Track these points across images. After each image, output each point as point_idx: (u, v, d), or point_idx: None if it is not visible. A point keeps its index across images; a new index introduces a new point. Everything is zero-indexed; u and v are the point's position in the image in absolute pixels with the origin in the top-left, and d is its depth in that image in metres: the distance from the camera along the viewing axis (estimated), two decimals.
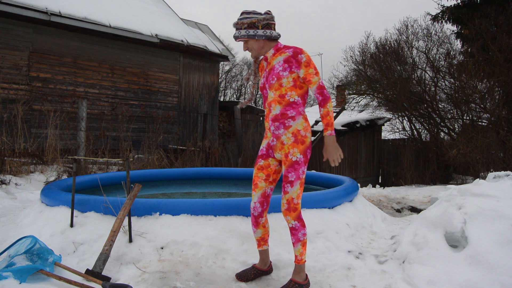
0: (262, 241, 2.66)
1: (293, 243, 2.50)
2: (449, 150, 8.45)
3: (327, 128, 2.40)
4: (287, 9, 63.06)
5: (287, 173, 2.41)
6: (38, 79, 8.23)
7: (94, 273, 2.51)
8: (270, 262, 2.75)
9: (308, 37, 60.04)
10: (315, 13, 63.27)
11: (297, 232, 2.45)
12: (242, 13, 2.50)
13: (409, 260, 2.78)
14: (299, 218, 2.45)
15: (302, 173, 2.40)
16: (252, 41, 2.50)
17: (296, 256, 2.51)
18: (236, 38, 2.50)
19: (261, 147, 2.62)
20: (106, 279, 2.53)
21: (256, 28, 2.45)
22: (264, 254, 2.69)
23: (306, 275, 2.57)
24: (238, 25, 2.48)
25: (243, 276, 2.63)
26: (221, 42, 12.61)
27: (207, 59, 11.51)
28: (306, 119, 2.47)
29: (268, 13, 2.50)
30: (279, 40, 2.56)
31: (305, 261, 2.53)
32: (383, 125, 12.97)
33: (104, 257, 2.59)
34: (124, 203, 2.85)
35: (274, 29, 2.52)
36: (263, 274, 2.71)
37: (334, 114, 11.49)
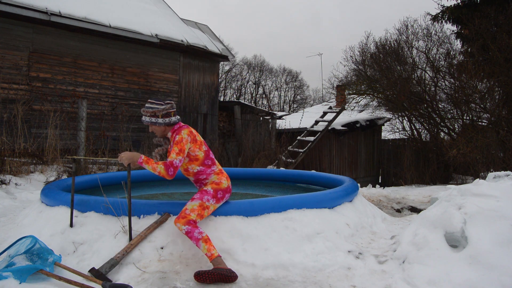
0: None
1: (196, 245, 2.68)
2: (449, 150, 8.45)
3: (145, 159, 2.78)
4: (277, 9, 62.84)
5: (195, 195, 2.92)
6: (38, 79, 8.23)
7: (99, 273, 2.53)
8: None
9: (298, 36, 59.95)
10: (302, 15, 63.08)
11: (192, 233, 2.69)
12: (147, 102, 3.01)
13: (409, 260, 2.78)
14: (188, 224, 2.72)
15: (206, 200, 2.88)
16: (155, 127, 3.00)
17: (206, 255, 2.65)
18: (143, 122, 3.02)
19: None
20: (107, 279, 2.54)
21: (157, 117, 2.95)
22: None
23: (226, 267, 2.64)
24: (143, 112, 3.00)
25: None
26: (221, 42, 12.60)
27: (207, 59, 11.51)
28: (217, 173, 3.02)
29: (168, 103, 2.98)
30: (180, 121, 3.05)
31: (216, 255, 2.63)
32: (383, 125, 12.96)
33: (113, 262, 2.63)
34: (150, 225, 2.94)
35: (174, 115, 3.01)
36: None
37: (334, 114, 11.49)
